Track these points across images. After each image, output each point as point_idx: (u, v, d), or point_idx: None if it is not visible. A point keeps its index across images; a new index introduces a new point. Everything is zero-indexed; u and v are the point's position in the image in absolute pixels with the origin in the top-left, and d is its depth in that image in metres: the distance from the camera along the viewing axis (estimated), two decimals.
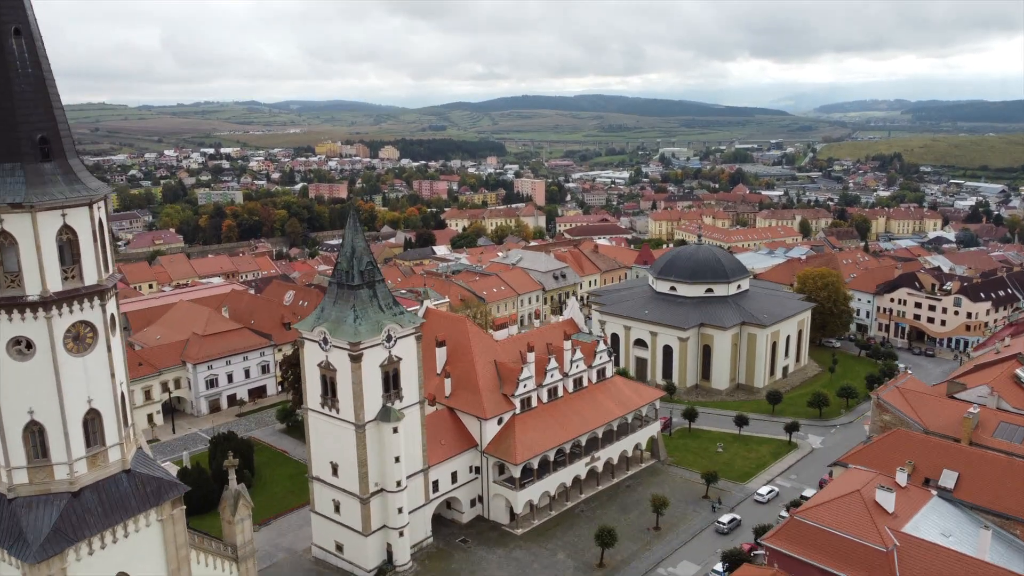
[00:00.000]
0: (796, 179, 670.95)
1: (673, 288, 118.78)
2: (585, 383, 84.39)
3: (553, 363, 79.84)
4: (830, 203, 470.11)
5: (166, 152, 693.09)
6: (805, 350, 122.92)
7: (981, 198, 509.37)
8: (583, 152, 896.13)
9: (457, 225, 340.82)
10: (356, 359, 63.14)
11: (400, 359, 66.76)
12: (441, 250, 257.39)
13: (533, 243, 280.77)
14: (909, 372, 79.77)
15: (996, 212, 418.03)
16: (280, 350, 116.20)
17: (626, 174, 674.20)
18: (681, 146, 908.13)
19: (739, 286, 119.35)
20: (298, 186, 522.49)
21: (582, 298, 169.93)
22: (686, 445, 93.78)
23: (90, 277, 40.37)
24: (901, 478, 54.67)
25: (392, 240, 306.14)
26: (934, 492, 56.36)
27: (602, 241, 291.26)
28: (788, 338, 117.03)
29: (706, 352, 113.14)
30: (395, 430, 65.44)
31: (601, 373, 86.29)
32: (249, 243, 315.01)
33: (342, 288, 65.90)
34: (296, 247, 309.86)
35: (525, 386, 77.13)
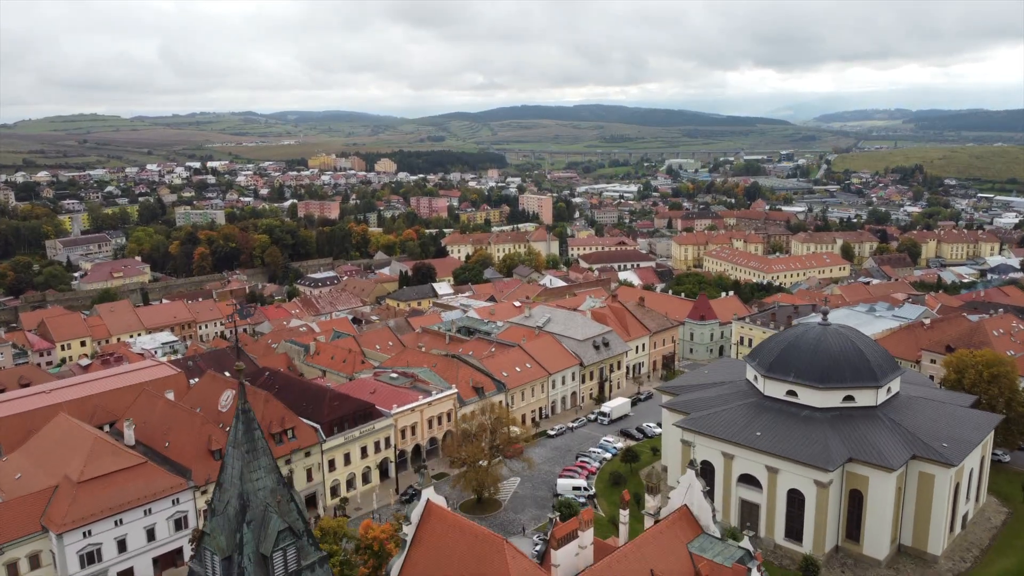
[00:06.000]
0: (814, 192, 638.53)
1: (793, 394, 79.85)
2: None
3: None
4: (857, 220, 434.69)
5: (148, 166, 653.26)
6: (985, 483, 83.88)
7: (1018, 214, 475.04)
8: (586, 163, 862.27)
9: (460, 253, 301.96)
10: None
11: None
12: (442, 287, 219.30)
13: (548, 274, 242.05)
14: None
15: None
16: (204, 492, 76.98)
17: (634, 187, 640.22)
18: (687, 157, 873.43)
19: (889, 389, 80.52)
20: (287, 203, 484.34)
21: (629, 369, 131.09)
22: None
23: None
24: None
25: (386, 271, 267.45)
26: None
27: (627, 274, 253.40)
28: (971, 472, 78.06)
29: (854, 499, 74.12)
30: None
31: None
32: (222, 275, 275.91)
33: None
34: (275, 281, 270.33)
35: None
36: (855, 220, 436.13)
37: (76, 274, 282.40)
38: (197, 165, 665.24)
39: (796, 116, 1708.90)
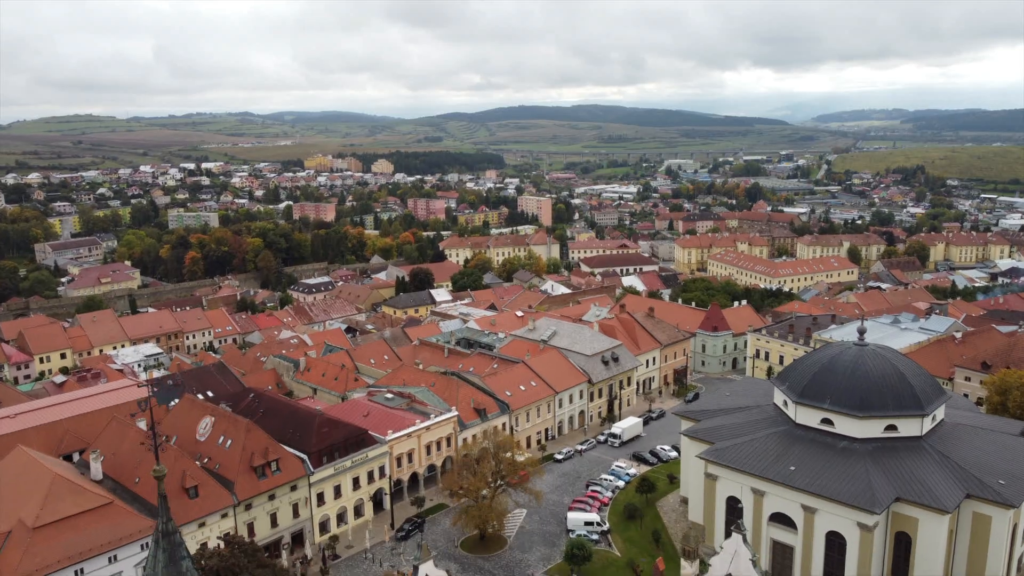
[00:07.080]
0: (815, 193, 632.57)
1: (828, 422, 72.44)
2: None
3: None
4: (861, 221, 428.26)
5: (142, 168, 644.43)
6: None
7: (1023, 215, 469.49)
8: (584, 164, 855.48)
9: (458, 257, 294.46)
10: None
11: None
12: (441, 294, 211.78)
13: (550, 279, 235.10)
14: None
15: None
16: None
17: (633, 188, 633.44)
18: (685, 157, 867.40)
19: (935, 417, 73.18)
20: (282, 205, 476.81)
21: (639, 385, 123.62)
22: None
23: None
24: None
25: (382, 276, 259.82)
26: None
27: (631, 279, 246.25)
28: None
29: (900, 543, 66.76)
30: None
31: None
32: (214, 281, 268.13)
33: None
34: (267, 287, 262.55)
35: None
36: (859, 221, 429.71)
37: (63, 279, 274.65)
38: (192, 166, 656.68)
39: (793, 116, 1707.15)
